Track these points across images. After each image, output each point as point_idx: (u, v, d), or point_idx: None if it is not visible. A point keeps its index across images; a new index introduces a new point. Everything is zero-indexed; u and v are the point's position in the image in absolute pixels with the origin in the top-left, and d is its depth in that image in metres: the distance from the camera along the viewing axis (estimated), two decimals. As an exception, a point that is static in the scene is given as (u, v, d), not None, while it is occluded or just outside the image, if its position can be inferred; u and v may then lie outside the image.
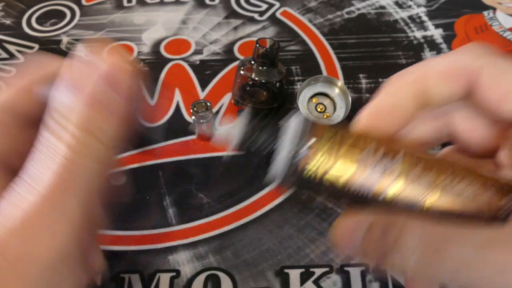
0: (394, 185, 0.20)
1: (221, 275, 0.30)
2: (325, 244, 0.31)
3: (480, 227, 0.18)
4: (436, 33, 0.44)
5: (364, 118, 0.22)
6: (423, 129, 0.23)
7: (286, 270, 0.30)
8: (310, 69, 0.41)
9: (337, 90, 0.37)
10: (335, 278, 0.30)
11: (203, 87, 0.40)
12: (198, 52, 0.43)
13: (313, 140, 0.20)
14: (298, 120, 0.21)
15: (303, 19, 0.46)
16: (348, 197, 0.21)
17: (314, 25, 0.45)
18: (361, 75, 0.41)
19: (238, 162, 0.35)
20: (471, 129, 0.23)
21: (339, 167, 0.20)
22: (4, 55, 0.43)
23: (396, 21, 0.46)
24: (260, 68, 0.35)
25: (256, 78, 0.36)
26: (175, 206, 0.33)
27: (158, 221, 0.32)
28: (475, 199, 0.20)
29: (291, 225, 0.32)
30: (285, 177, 0.21)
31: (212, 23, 0.45)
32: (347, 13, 0.46)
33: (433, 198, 0.20)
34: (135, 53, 0.43)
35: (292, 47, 0.43)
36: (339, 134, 0.20)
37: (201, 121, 0.34)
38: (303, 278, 0.30)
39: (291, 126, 0.21)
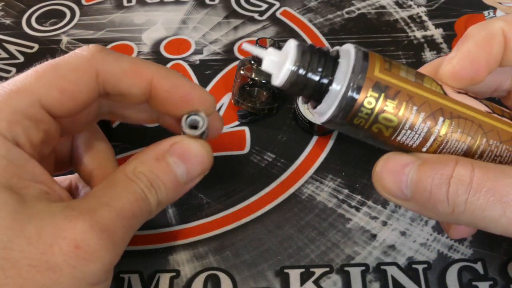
0: (435, 141, 0.20)
1: (221, 275, 0.30)
2: (325, 244, 0.31)
3: None
4: (437, 33, 0.44)
5: (455, 64, 0.22)
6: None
7: (286, 270, 0.30)
8: (310, 69, 0.41)
9: (337, 90, 0.37)
10: (335, 278, 0.30)
11: (203, 87, 0.40)
12: (198, 52, 0.43)
13: (367, 83, 0.19)
14: (353, 55, 0.20)
15: (303, 19, 0.46)
16: (392, 146, 0.21)
17: (314, 25, 0.45)
18: (361, 75, 0.41)
19: (238, 161, 0.35)
20: None
21: (387, 118, 0.20)
22: (4, 55, 0.43)
23: (396, 21, 0.46)
24: (260, 68, 0.35)
25: (256, 78, 0.35)
26: (175, 206, 0.33)
27: (158, 221, 0.32)
28: None
29: (291, 225, 0.32)
30: (332, 119, 0.20)
31: (212, 23, 0.45)
32: (347, 13, 0.46)
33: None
34: (135, 53, 0.43)
35: (292, 47, 0.43)
36: (392, 78, 0.20)
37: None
38: (303, 278, 0.30)
39: (346, 61, 0.20)
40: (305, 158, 0.36)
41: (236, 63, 0.42)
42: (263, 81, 0.36)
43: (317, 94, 0.20)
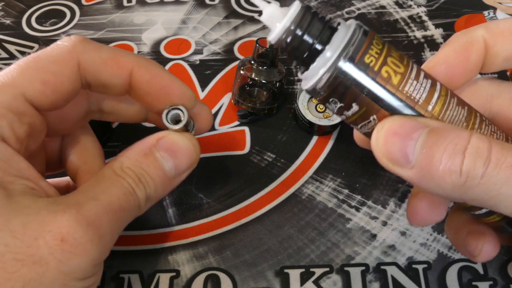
0: (439, 99, 0.20)
1: (221, 275, 0.30)
2: (325, 244, 0.31)
3: None
4: (437, 33, 0.44)
5: (430, 66, 0.22)
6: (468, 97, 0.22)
7: (286, 270, 0.30)
8: (310, 69, 0.41)
9: (337, 90, 0.37)
10: (335, 278, 0.30)
11: (203, 87, 0.40)
12: (198, 52, 0.43)
13: (368, 40, 0.19)
14: (353, 26, 0.19)
15: (303, 19, 0.46)
16: (398, 99, 0.19)
17: (314, 25, 0.45)
18: (361, 75, 0.41)
19: (238, 161, 0.35)
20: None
21: (394, 62, 0.19)
22: (4, 55, 0.43)
23: (396, 20, 0.46)
24: (260, 68, 0.35)
25: (256, 78, 0.35)
26: (175, 206, 0.33)
27: (158, 221, 0.32)
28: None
29: (291, 225, 0.32)
30: (338, 63, 0.19)
31: (212, 23, 0.45)
32: (347, 12, 0.46)
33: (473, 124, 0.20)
34: (135, 53, 0.43)
35: (292, 47, 0.43)
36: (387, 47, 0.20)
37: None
38: (303, 278, 0.30)
39: (344, 30, 0.19)
40: (305, 158, 0.36)
41: (236, 63, 0.42)
42: (263, 81, 0.36)
43: (310, 55, 0.20)
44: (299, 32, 0.19)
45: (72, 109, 0.25)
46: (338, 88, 0.19)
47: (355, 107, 0.20)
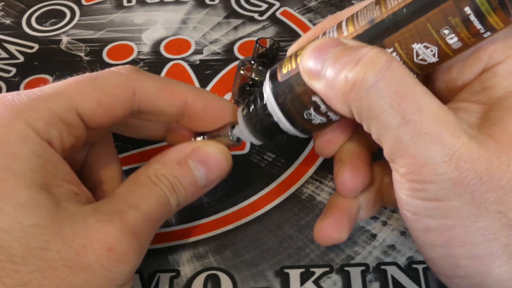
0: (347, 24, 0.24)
1: (221, 275, 0.30)
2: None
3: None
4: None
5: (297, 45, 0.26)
6: None
7: (286, 270, 0.30)
8: (310, 69, 0.41)
9: (337, 90, 0.37)
10: (335, 278, 0.30)
11: (203, 87, 0.40)
12: (198, 52, 0.43)
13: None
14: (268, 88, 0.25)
15: (303, 19, 0.46)
16: None
17: (314, 25, 0.45)
18: (361, 75, 0.41)
19: (238, 161, 0.35)
20: None
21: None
22: (4, 55, 0.43)
23: (396, 21, 0.46)
24: (260, 68, 0.35)
25: (256, 78, 0.35)
26: (175, 206, 0.33)
27: (158, 221, 0.32)
28: None
29: (291, 225, 0.32)
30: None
31: (212, 23, 0.45)
32: (347, 13, 0.46)
33: None
34: (135, 53, 0.43)
35: (292, 47, 0.43)
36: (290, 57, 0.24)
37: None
38: (303, 278, 0.30)
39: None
40: (305, 158, 0.36)
41: (236, 63, 0.42)
42: (263, 81, 0.36)
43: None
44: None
45: None
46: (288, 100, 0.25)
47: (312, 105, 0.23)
